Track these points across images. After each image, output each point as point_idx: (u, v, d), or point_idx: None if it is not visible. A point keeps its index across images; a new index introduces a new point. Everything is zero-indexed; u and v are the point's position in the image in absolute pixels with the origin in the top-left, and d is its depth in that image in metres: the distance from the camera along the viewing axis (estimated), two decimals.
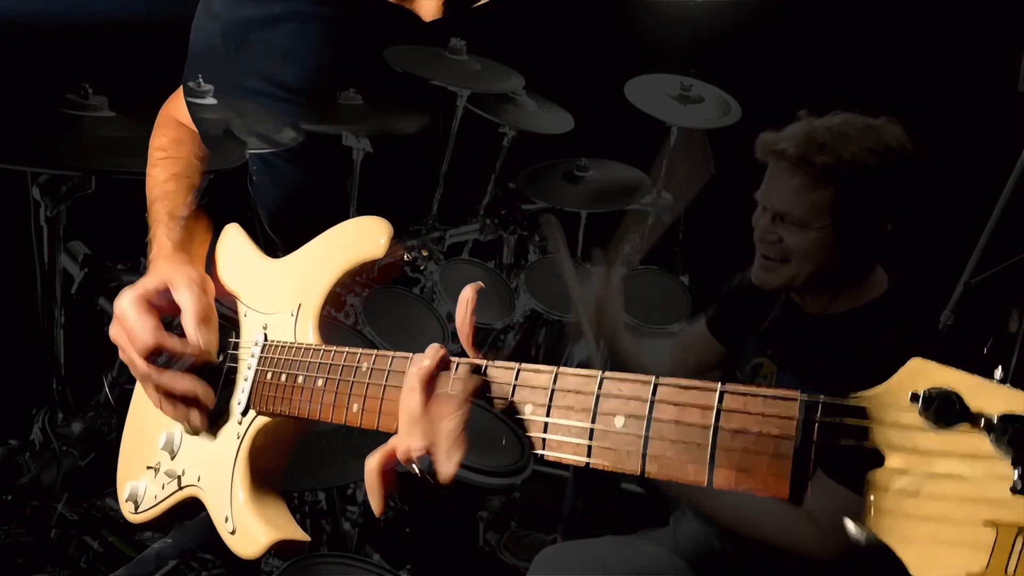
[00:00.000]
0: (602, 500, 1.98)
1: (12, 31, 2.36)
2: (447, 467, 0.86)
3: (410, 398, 0.91)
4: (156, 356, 1.26)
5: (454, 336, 1.41)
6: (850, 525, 0.64)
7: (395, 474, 0.93)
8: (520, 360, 0.91)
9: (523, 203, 2.04)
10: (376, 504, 0.95)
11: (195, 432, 1.32)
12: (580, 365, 1.55)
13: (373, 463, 0.93)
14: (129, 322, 1.28)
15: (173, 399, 1.28)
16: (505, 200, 1.96)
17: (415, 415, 0.90)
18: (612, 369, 0.81)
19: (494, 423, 0.87)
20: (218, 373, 1.31)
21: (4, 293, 2.54)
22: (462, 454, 0.86)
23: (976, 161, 2.07)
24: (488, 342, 1.75)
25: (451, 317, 1.67)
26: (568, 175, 2.13)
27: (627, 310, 1.85)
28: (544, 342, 1.84)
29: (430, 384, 0.91)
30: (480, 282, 0.97)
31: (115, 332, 1.31)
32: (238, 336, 1.34)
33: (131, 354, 1.28)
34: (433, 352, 0.93)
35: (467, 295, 0.95)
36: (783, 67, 2.16)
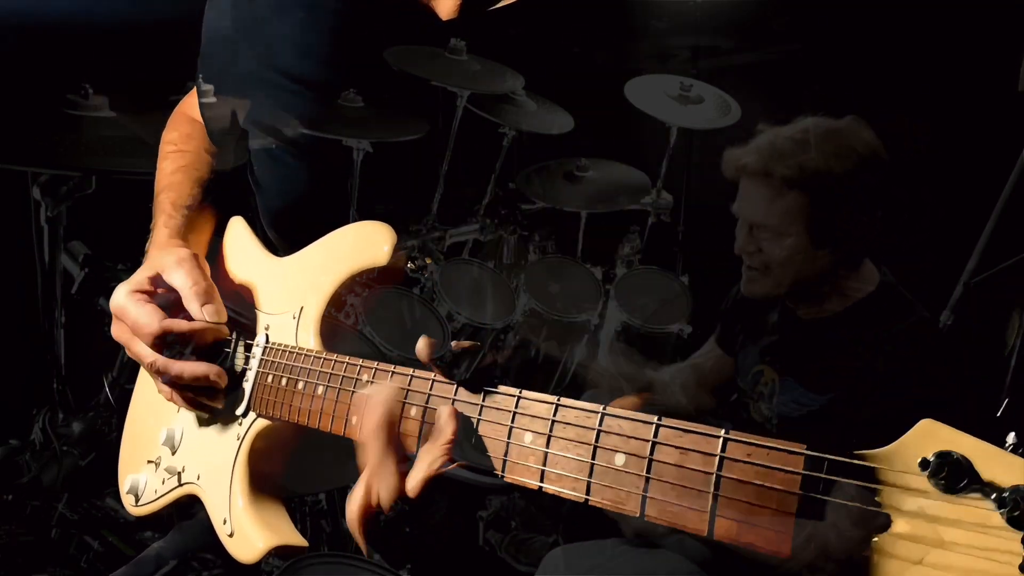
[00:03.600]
0: None
1: (12, 31, 2.35)
2: (415, 476, 0.90)
3: (371, 449, 0.94)
4: (163, 343, 1.25)
5: (454, 336, 1.41)
6: None
7: (377, 519, 0.95)
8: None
9: (523, 203, 2.04)
10: (364, 548, 0.97)
11: (210, 413, 1.31)
12: (580, 365, 1.55)
13: (354, 512, 0.95)
14: (130, 315, 1.27)
15: (186, 389, 1.27)
16: (505, 200, 1.95)
17: (375, 464, 0.93)
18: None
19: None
20: (228, 370, 1.30)
21: (4, 293, 2.54)
22: (432, 467, 0.89)
23: (976, 161, 2.07)
24: (488, 342, 1.75)
25: (451, 317, 1.67)
26: (568, 175, 2.12)
27: (627, 310, 1.85)
28: (544, 343, 1.83)
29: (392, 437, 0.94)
30: (428, 339, 0.97)
31: (117, 330, 1.30)
32: (251, 338, 1.34)
33: (137, 348, 1.27)
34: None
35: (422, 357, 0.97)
36: (782, 67, 2.16)
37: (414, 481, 0.90)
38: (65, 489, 2.31)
